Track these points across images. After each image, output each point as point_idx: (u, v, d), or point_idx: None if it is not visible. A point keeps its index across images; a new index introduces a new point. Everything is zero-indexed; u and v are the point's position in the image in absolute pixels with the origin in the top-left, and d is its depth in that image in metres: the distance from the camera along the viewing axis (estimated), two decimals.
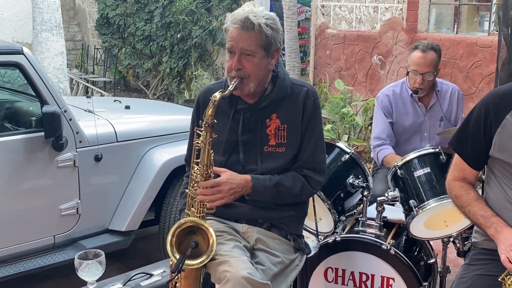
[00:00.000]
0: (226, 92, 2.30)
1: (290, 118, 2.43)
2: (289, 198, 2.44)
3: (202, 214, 2.29)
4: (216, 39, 9.75)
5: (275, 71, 2.46)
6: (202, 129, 2.26)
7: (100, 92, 10.27)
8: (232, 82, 2.34)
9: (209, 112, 2.24)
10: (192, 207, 2.33)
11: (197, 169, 2.30)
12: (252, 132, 2.44)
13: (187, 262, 2.16)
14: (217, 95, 2.27)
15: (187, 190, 2.37)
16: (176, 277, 2.21)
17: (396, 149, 3.75)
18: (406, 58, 7.25)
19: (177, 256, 2.17)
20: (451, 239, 3.22)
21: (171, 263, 2.27)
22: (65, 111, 3.55)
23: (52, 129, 3.43)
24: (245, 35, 2.32)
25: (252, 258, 2.34)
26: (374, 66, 7.76)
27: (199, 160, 2.29)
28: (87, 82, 10.97)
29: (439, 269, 3.24)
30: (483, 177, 2.69)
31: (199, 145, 2.27)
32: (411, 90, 3.67)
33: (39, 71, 3.49)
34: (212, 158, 2.30)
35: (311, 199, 2.72)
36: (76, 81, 11.03)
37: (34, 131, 3.50)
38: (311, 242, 2.78)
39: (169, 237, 2.20)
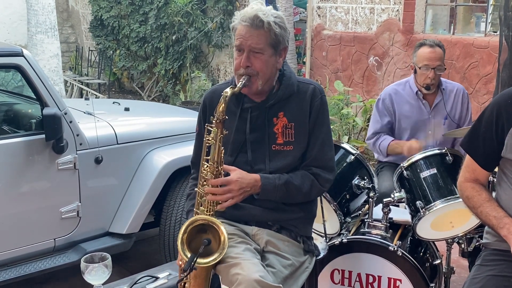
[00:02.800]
0: (236, 88, 2.30)
1: (297, 116, 2.41)
2: (299, 197, 2.41)
3: (211, 213, 2.27)
4: (212, 40, 9.72)
5: (281, 69, 2.45)
6: (213, 125, 2.25)
7: (94, 94, 10.22)
8: (241, 80, 2.33)
9: (221, 108, 2.24)
10: (201, 205, 2.30)
11: (207, 166, 2.27)
12: (260, 131, 2.43)
13: (199, 260, 2.13)
14: (228, 90, 2.27)
15: (196, 189, 2.34)
16: (186, 276, 2.18)
17: None
18: (402, 59, 7.28)
19: (188, 254, 2.13)
20: (456, 240, 3.22)
21: (180, 263, 2.22)
22: (65, 114, 3.52)
23: (52, 131, 3.40)
24: (254, 32, 2.31)
25: (262, 260, 2.32)
26: (370, 67, 7.76)
27: (209, 157, 2.27)
28: (82, 84, 10.92)
29: (444, 270, 3.23)
30: (491, 178, 2.69)
31: (209, 141, 2.25)
32: (423, 86, 3.67)
33: (39, 73, 3.46)
34: (223, 155, 2.28)
35: (319, 200, 2.70)
36: (70, 83, 10.98)
37: (35, 134, 3.47)
38: (320, 244, 2.77)
39: (180, 235, 2.16)
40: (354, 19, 7.91)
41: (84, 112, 4.04)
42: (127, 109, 4.47)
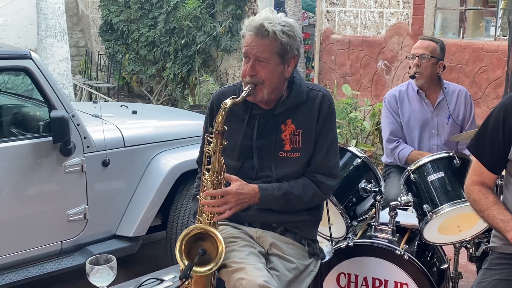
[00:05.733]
0: (239, 98, 2.28)
1: (305, 123, 2.40)
2: (300, 206, 2.40)
3: (212, 221, 2.25)
4: (220, 44, 9.74)
5: (291, 76, 2.43)
6: (213, 136, 2.23)
7: (104, 98, 10.26)
8: (246, 88, 2.31)
9: (219, 119, 2.21)
10: (203, 213, 2.29)
11: (208, 175, 2.26)
12: (267, 137, 2.41)
13: (196, 269, 2.13)
14: (228, 102, 2.24)
15: (198, 197, 2.33)
16: (185, 284, 2.17)
17: None
18: None
19: (186, 263, 2.14)
20: (464, 244, 3.19)
21: (181, 269, 2.23)
22: (73, 116, 3.53)
23: (60, 134, 3.41)
24: (259, 42, 2.29)
25: (266, 263, 2.31)
26: (379, 72, 7.74)
27: (209, 167, 2.25)
28: (91, 88, 10.97)
29: (451, 275, 3.20)
30: (498, 182, 2.67)
31: (209, 152, 2.24)
32: (410, 77, 3.72)
33: (47, 76, 3.48)
34: (223, 164, 2.26)
35: (324, 203, 2.69)
36: (80, 87, 11.04)
37: (42, 136, 3.48)
38: (325, 247, 2.75)
39: (178, 244, 2.17)
40: (363, 23, 7.89)
41: (92, 115, 4.05)
42: (134, 112, 4.48)
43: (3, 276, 3.37)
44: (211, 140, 2.24)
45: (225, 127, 2.22)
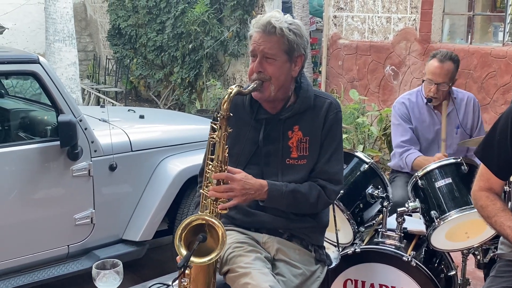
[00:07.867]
0: (246, 90, 2.28)
1: (312, 130, 2.39)
2: (305, 206, 2.37)
3: (215, 214, 2.21)
4: (228, 49, 9.75)
5: (298, 81, 2.43)
6: (217, 122, 2.21)
7: (111, 102, 10.29)
8: (253, 84, 2.31)
9: (225, 105, 2.19)
10: (206, 209, 2.24)
11: (212, 166, 2.22)
12: (274, 143, 2.40)
13: (195, 259, 2.07)
14: (234, 87, 2.23)
15: (201, 190, 2.28)
16: (182, 274, 2.11)
17: None
18: (419, 68, 7.23)
19: (184, 252, 2.07)
20: (472, 251, 3.17)
21: (178, 257, 2.16)
22: (80, 120, 3.55)
23: (67, 138, 3.43)
24: (267, 38, 2.30)
25: (272, 269, 2.30)
26: (387, 77, 7.72)
27: (213, 157, 2.22)
28: (99, 92, 11.01)
29: (459, 282, 3.18)
30: (506, 188, 2.65)
31: (214, 139, 2.21)
32: (426, 98, 3.65)
33: (55, 80, 3.50)
34: (227, 154, 2.23)
35: (331, 209, 2.68)
36: (87, 91, 11.07)
37: (50, 140, 3.51)
38: (332, 253, 2.74)
39: (178, 232, 2.09)
40: (371, 28, 7.88)
41: (99, 120, 4.07)
42: (142, 117, 4.49)
43: (10, 280, 3.39)
44: (215, 127, 2.21)
45: (230, 113, 2.20)
